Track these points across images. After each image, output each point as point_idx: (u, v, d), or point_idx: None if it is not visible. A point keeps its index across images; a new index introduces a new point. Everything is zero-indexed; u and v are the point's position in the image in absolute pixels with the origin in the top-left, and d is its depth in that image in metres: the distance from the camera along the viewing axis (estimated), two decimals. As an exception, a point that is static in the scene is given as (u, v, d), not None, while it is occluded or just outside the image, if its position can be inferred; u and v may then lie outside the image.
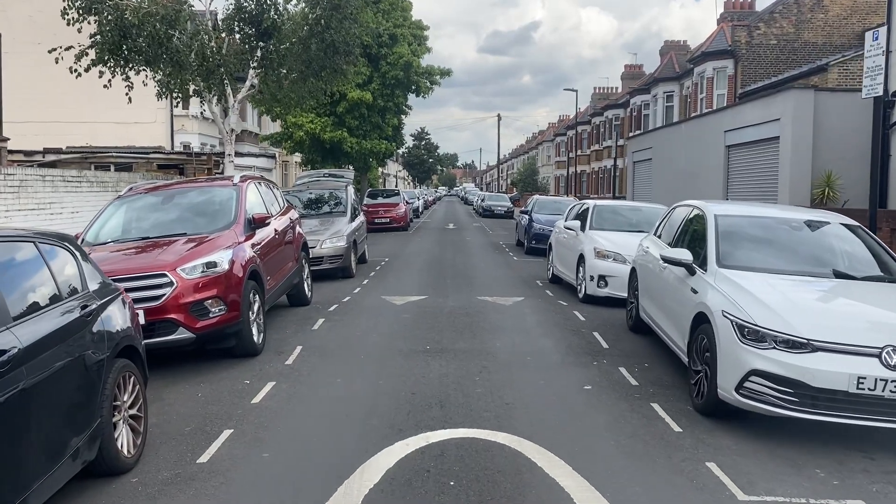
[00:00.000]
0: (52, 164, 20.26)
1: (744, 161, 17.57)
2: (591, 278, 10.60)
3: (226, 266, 6.99)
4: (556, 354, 7.57)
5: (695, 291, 6.15)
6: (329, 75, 15.66)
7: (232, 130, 16.25)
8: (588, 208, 12.14)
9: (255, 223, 8.09)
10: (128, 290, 6.37)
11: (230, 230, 7.63)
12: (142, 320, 6.41)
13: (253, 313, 7.39)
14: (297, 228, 10.24)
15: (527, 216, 19.78)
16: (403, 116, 34.84)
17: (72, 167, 19.60)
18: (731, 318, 5.35)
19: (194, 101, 18.57)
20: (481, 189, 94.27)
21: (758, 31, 26.93)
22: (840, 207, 14.52)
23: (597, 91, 56.85)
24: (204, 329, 6.72)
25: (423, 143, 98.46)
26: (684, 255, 6.48)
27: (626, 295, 9.80)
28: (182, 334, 6.61)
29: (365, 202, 29.17)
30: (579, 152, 51.07)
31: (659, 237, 8.34)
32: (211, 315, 6.77)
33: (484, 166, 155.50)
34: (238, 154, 27.39)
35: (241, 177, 8.75)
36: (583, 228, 11.64)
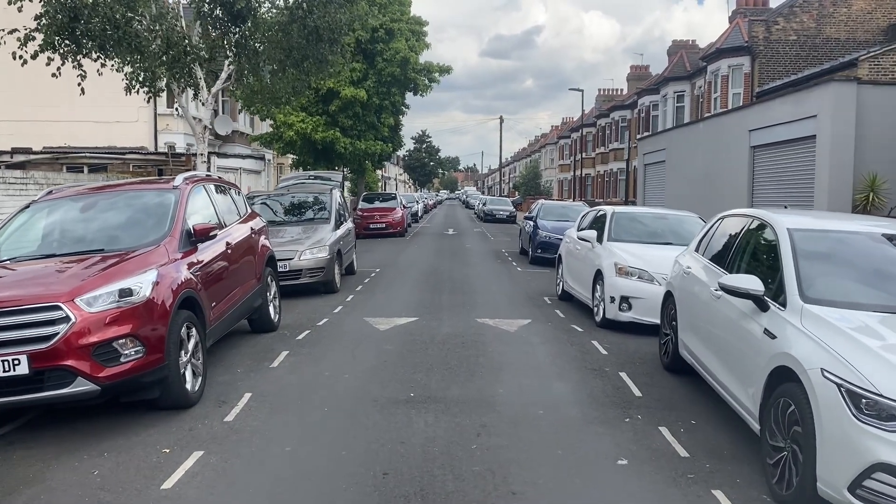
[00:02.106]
0: (20, 166, 18.76)
1: (772, 163, 15.89)
2: (612, 300, 8.93)
3: (146, 293, 5.33)
4: (576, 406, 5.90)
5: (771, 336, 4.50)
6: (312, 66, 14.00)
7: (206, 127, 14.63)
8: (605, 215, 10.45)
9: (197, 236, 6.43)
10: (6, 327, 4.82)
11: (160, 246, 5.97)
12: (25, 369, 4.83)
13: (186, 353, 5.73)
14: (262, 240, 8.58)
15: (532, 222, 18.09)
16: (401, 116, 33.20)
17: (41, 168, 18.10)
18: (838, 380, 3.71)
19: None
20: (483, 193, 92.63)
21: (776, 26, 25.32)
22: (886, 215, 12.92)
23: (601, 93, 55.18)
24: (113, 378, 5.06)
25: (424, 146, 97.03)
26: (753, 283, 4.81)
27: (653, 320, 8.18)
28: (82, 386, 4.95)
29: (360, 206, 27.54)
30: (584, 155, 49.32)
31: (701, 254, 6.70)
32: (123, 359, 5.11)
33: (486, 170, 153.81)
34: (224, 155, 25.82)
35: (184, 178, 7.08)
36: (599, 239, 9.98)
